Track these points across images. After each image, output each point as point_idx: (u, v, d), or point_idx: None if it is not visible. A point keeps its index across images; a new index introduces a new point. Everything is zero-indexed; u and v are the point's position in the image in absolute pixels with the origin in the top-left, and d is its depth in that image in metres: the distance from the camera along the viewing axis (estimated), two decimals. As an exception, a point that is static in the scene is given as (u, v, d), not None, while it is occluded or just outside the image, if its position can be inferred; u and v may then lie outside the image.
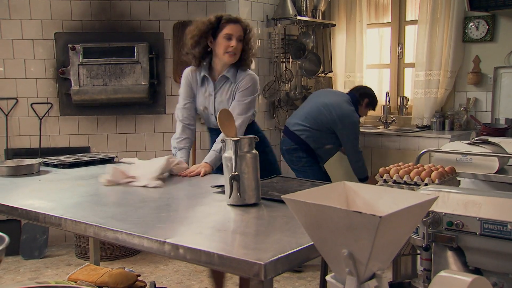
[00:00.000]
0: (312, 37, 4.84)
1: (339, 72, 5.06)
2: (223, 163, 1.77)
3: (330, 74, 5.11)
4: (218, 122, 1.86)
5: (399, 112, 4.77)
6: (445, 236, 1.46)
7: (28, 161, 2.62)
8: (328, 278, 1.15)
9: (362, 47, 4.89)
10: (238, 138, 1.73)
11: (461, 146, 2.85)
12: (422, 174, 2.29)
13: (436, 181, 2.23)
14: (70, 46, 4.23)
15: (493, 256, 1.40)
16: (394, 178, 2.36)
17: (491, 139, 2.91)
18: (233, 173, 1.70)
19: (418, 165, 2.48)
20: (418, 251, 1.56)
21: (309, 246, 1.28)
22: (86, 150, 4.31)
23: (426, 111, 4.46)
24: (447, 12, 4.30)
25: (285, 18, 4.59)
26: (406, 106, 4.73)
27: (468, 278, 1.18)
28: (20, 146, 4.34)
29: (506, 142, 2.93)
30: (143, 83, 4.33)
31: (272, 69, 4.74)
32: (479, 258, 1.44)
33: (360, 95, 3.95)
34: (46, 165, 2.72)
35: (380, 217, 0.95)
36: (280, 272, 1.22)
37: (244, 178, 1.72)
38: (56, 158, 2.82)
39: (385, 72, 5.04)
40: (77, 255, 4.11)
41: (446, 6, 4.29)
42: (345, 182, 1.24)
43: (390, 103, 4.71)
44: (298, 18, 4.58)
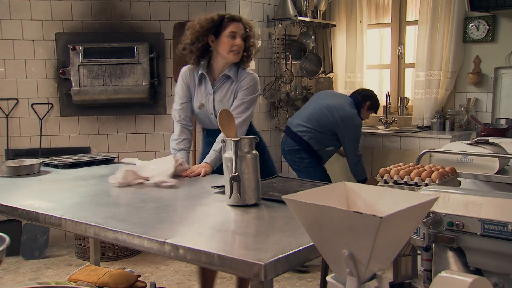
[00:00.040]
0: (312, 37, 4.85)
1: (340, 72, 5.06)
2: (223, 164, 1.77)
3: (330, 75, 5.11)
4: (218, 123, 1.85)
5: (400, 112, 4.77)
6: (445, 236, 1.46)
7: (28, 161, 2.62)
8: (328, 278, 1.15)
9: (362, 48, 4.89)
10: (239, 139, 1.73)
11: (461, 146, 2.84)
12: (423, 175, 2.29)
13: (436, 181, 2.23)
14: (70, 46, 4.23)
15: (493, 256, 1.40)
16: (395, 178, 2.36)
17: (492, 140, 2.91)
18: (233, 173, 1.70)
19: (418, 165, 2.48)
20: (419, 252, 1.56)
21: (309, 246, 1.28)
22: (86, 150, 4.30)
23: (426, 112, 4.45)
24: (448, 12, 4.30)
25: (285, 19, 4.60)
26: (407, 107, 4.74)
27: (468, 278, 1.18)
28: (20, 147, 4.34)
29: (506, 143, 2.93)
30: (144, 84, 4.33)
31: (272, 69, 4.74)
32: (480, 259, 1.44)
33: (362, 98, 3.95)
34: (47, 165, 2.72)
35: (380, 217, 0.95)
36: (280, 272, 1.22)
37: (244, 179, 1.72)
38: (56, 158, 2.82)
39: (385, 72, 5.04)
40: (77, 256, 4.11)
41: (447, 6, 4.29)
42: (345, 182, 1.24)
43: (390, 104, 4.71)
44: (299, 18, 4.58)
